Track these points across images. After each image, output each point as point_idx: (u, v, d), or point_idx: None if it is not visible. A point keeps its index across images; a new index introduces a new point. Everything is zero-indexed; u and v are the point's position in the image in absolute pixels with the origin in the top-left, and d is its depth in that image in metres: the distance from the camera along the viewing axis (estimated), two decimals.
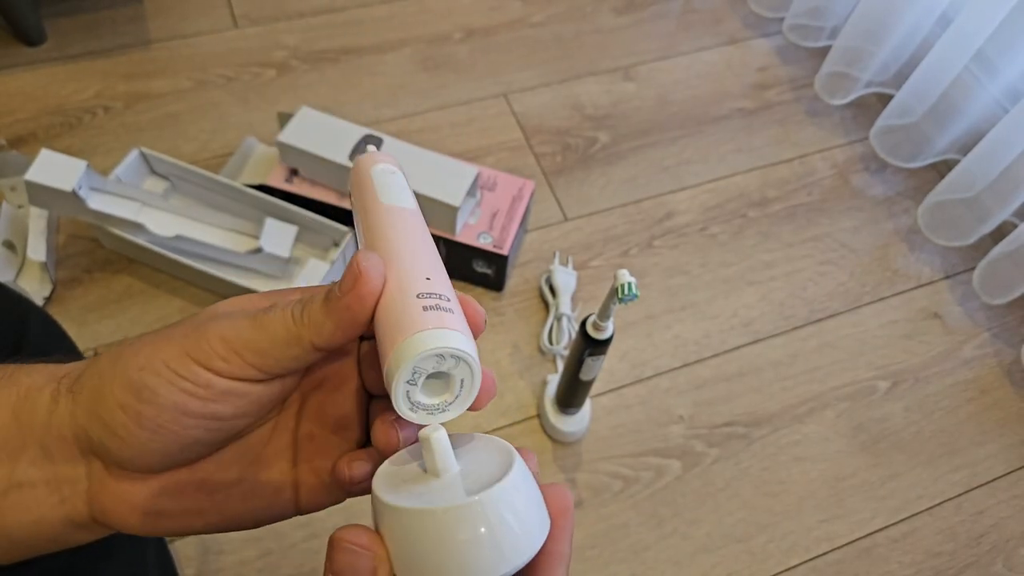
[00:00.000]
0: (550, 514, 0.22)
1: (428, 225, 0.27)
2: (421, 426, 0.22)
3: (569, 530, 0.22)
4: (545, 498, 0.22)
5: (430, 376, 0.21)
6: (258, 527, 0.25)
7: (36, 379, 0.24)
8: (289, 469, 0.25)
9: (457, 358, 0.21)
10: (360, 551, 0.20)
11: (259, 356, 0.22)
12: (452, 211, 0.68)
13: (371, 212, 0.27)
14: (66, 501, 0.23)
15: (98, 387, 0.22)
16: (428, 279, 0.23)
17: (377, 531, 0.21)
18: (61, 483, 0.23)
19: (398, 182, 0.28)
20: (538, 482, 0.22)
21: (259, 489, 0.25)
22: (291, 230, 0.71)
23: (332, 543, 0.20)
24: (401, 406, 0.21)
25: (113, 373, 0.22)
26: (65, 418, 0.23)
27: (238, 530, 0.25)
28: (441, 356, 0.21)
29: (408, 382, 0.21)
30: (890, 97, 0.89)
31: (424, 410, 0.22)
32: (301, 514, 0.26)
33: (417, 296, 0.22)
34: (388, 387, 0.21)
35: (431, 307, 0.22)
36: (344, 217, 0.72)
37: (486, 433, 0.25)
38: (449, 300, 0.23)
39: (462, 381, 0.22)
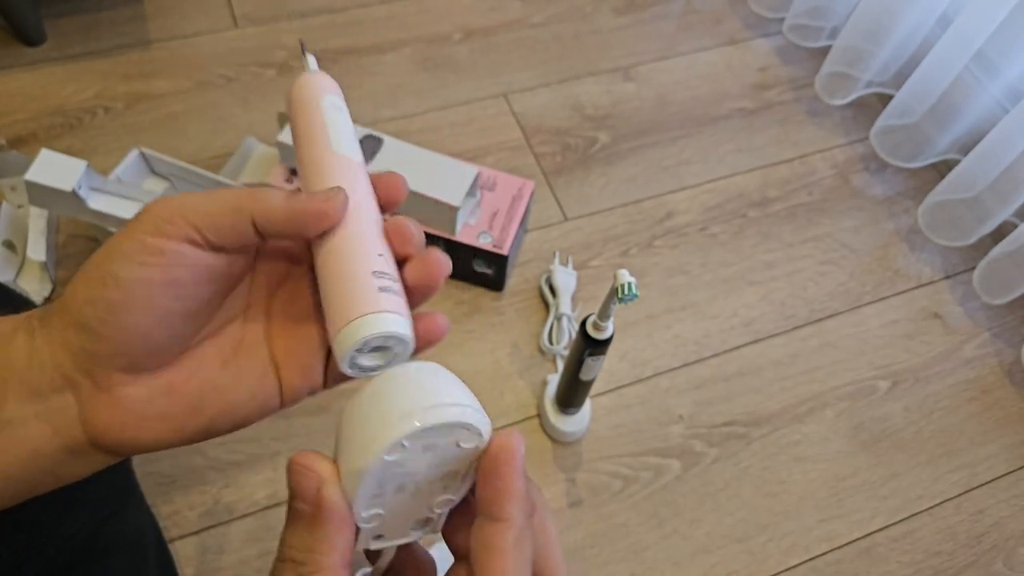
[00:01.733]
0: (492, 449, 0.23)
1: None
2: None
3: (514, 468, 0.22)
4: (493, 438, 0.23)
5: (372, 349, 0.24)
6: (248, 423, 0.26)
7: (5, 327, 0.24)
8: (267, 360, 0.26)
9: (400, 339, 0.24)
10: (306, 471, 0.22)
11: (202, 218, 0.23)
12: (452, 211, 0.68)
13: (323, 161, 0.27)
14: (60, 431, 0.24)
15: (65, 300, 0.23)
16: (380, 255, 0.25)
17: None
18: (51, 414, 0.23)
19: (345, 123, 0.29)
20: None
21: (243, 380, 0.26)
22: None
23: (287, 468, 0.22)
24: (345, 367, 0.24)
25: (77, 282, 0.23)
26: (43, 348, 0.23)
27: (232, 430, 0.26)
28: (388, 336, 0.24)
29: (356, 351, 0.24)
30: (890, 97, 0.89)
31: (362, 370, 0.25)
32: (285, 406, 0.27)
33: (373, 274, 0.24)
34: (334, 347, 0.24)
35: (385, 288, 0.24)
36: None
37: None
38: (396, 281, 0.25)
39: (396, 353, 0.25)
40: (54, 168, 0.64)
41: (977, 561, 0.67)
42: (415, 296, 0.26)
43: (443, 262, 0.26)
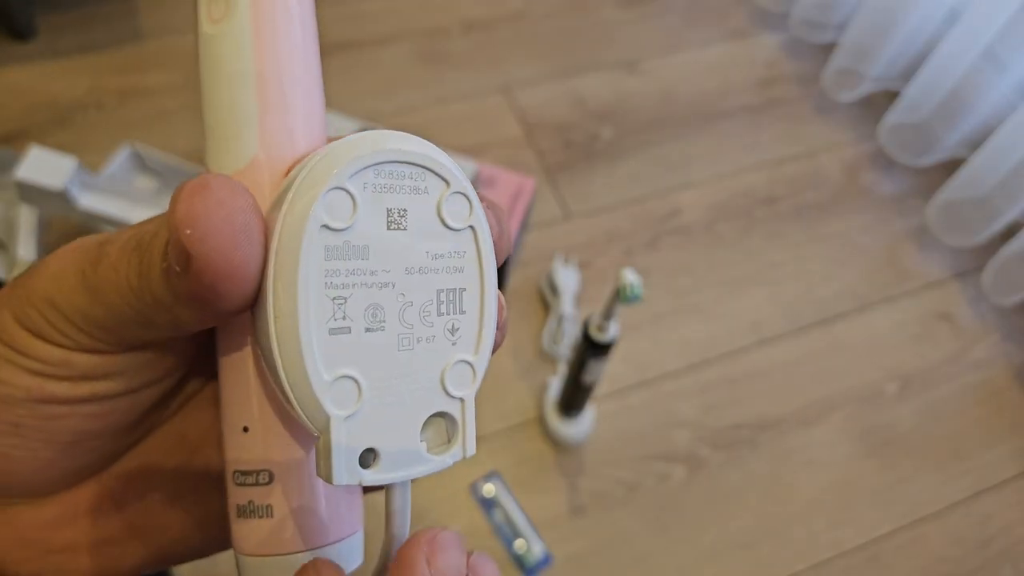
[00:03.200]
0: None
1: None
2: None
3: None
4: None
5: None
6: (209, 552, 0.18)
7: None
8: None
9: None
10: None
11: (103, 331, 0.14)
12: None
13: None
14: None
15: None
16: (245, 430, 0.16)
17: None
18: None
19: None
20: None
21: (196, 489, 0.18)
22: None
23: None
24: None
25: None
26: None
27: (201, 554, 0.18)
28: None
29: None
30: (899, 94, 0.87)
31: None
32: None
33: (235, 476, 0.16)
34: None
35: (247, 509, 0.16)
36: None
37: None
38: (292, 471, 0.16)
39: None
40: (44, 165, 0.62)
41: (985, 566, 0.66)
42: None
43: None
